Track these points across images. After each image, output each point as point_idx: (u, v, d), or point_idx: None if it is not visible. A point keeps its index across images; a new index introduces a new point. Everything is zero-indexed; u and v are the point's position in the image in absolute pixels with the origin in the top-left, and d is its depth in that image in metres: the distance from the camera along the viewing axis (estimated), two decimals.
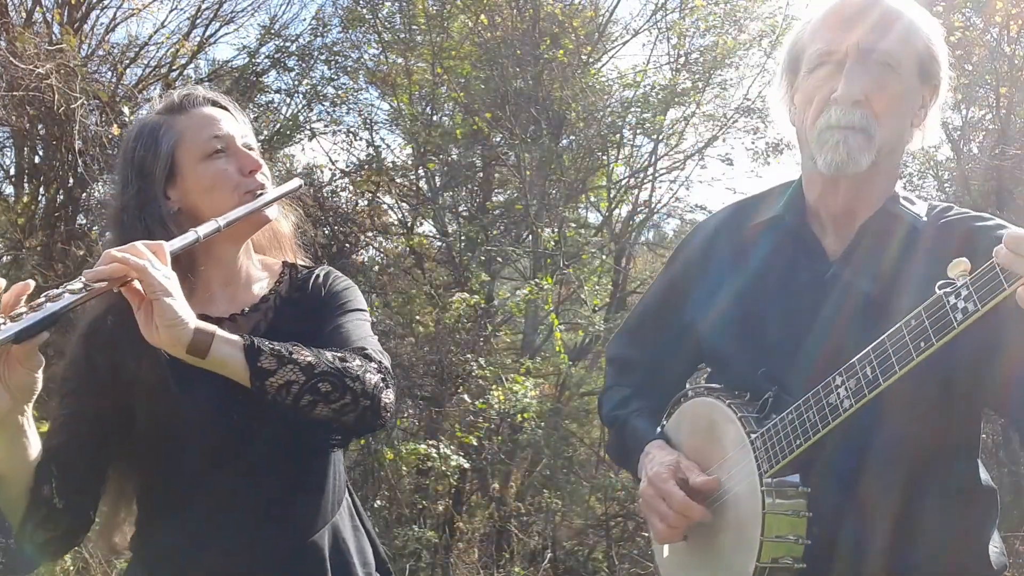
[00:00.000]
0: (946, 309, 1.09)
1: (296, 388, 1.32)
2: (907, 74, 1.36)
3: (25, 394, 1.30)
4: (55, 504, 1.38)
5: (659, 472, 1.44)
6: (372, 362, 1.42)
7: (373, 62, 9.34)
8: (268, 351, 1.33)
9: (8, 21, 6.41)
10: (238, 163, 1.53)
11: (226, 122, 1.56)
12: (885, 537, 1.29)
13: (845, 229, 1.41)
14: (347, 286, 1.63)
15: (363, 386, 1.37)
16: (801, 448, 1.27)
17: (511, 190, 9.74)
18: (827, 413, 1.24)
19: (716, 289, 1.52)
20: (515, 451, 7.58)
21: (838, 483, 1.31)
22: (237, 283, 1.59)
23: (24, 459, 1.36)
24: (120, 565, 4.95)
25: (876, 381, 1.18)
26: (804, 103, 1.41)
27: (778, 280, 1.44)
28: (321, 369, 1.34)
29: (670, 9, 9.01)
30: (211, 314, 1.50)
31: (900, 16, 1.36)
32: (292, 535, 1.51)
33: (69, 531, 1.45)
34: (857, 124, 1.32)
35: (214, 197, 1.50)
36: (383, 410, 1.40)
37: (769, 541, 1.28)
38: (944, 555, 1.31)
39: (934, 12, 7.02)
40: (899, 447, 1.30)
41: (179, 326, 1.27)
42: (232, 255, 1.58)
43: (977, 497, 1.36)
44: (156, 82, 8.44)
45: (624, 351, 1.74)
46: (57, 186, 7.49)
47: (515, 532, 7.18)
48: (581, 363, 8.92)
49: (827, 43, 1.36)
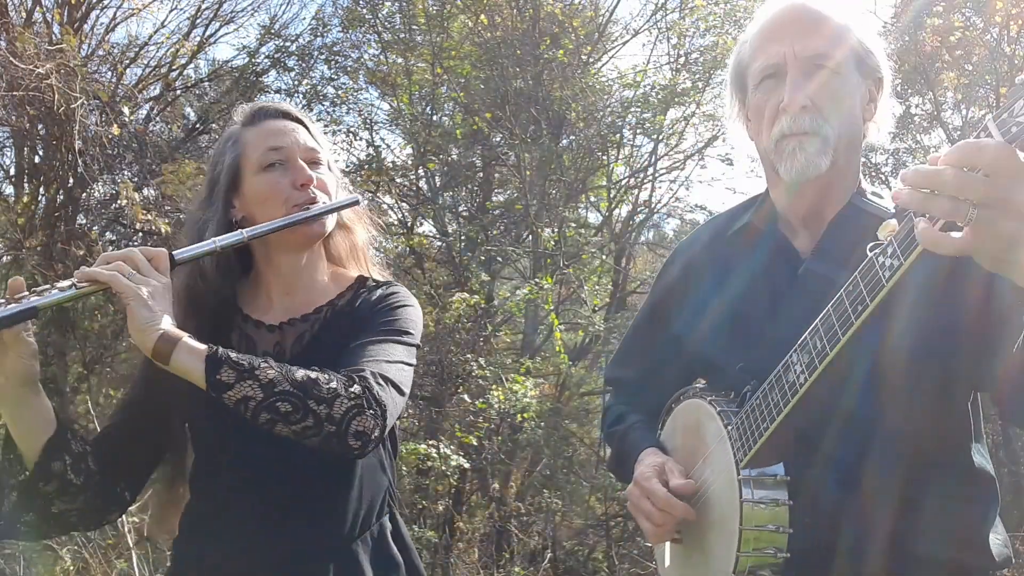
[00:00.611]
0: (876, 268, 1.11)
1: (253, 404, 1.32)
2: (847, 72, 1.40)
3: (20, 377, 1.40)
4: (69, 479, 1.45)
5: (644, 472, 1.48)
6: (356, 386, 1.36)
7: (373, 62, 9.36)
8: (229, 364, 1.32)
9: (8, 21, 6.41)
10: (292, 176, 1.56)
11: (290, 135, 1.59)
12: (886, 532, 1.29)
13: (814, 228, 1.45)
14: (398, 306, 1.57)
15: (329, 411, 1.33)
16: (769, 430, 1.29)
17: (511, 190, 9.75)
18: (787, 391, 1.26)
19: (699, 301, 1.56)
20: (515, 451, 7.59)
21: (838, 478, 1.32)
22: (296, 292, 1.60)
23: (27, 435, 1.44)
24: (120, 565, 4.95)
25: (824, 351, 1.19)
26: (756, 117, 1.46)
27: (756, 283, 1.48)
28: (281, 388, 1.32)
29: (670, 9, 9.03)
30: (265, 321, 1.58)
31: (829, 19, 1.41)
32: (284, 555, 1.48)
33: (92, 507, 1.51)
34: (808, 128, 1.36)
35: (266, 208, 1.55)
36: (352, 437, 1.34)
37: (748, 531, 1.28)
38: (943, 547, 1.31)
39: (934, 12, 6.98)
40: (900, 441, 1.30)
41: (144, 331, 1.32)
42: (291, 265, 1.60)
43: (975, 488, 1.36)
44: (156, 82, 8.45)
45: (618, 372, 1.80)
46: (57, 186, 7.49)
47: (515, 532, 7.18)
48: (581, 363, 8.93)
49: (768, 57, 1.42)
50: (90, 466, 1.49)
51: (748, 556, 1.29)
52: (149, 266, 1.38)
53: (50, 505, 1.46)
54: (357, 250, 1.69)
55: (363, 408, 1.35)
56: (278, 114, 1.64)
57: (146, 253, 1.39)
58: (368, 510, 1.54)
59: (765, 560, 1.29)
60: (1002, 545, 1.36)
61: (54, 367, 7.19)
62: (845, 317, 1.16)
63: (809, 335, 1.23)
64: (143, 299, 1.33)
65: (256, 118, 1.63)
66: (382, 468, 1.58)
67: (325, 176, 1.60)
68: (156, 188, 7.18)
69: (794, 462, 1.33)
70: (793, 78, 1.38)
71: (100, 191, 7.67)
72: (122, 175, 7.30)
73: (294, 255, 1.59)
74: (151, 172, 7.25)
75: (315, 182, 1.57)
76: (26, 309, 1.32)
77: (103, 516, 1.58)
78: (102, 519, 1.59)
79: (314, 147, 1.61)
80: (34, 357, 1.41)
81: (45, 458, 1.44)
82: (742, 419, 1.35)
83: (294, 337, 1.57)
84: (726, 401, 1.41)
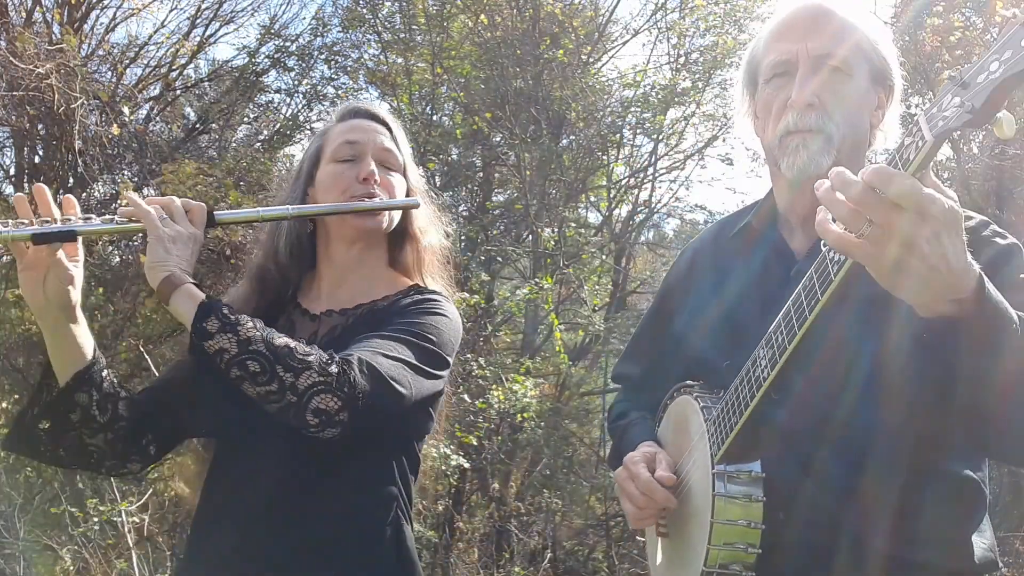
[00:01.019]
0: (826, 263, 1.13)
1: (227, 357, 1.34)
2: (858, 77, 1.41)
3: (57, 301, 1.46)
4: (93, 413, 1.52)
5: (633, 456, 1.49)
6: (333, 366, 1.35)
7: (373, 62, 9.36)
8: (217, 315, 1.36)
9: (8, 21, 6.42)
10: (358, 170, 1.61)
11: (369, 134, 1.65)
12: (884, 539, 1.29)
13: (811, 229, 1.44)
14: (426, 312, 1.55)
15: (294, 380, 1.33)
16: (738, 425, 1.29)
17: (511, 190, 9.75)
18: (754, 386, 1.27)
19: (698, 300, 1.57)
20: (515, 451, 7.59)
21: (835, 488, 1.32)
22: (344, 286, 1.63)
23: (60, 361, 1.51)
24: (120, 565, 4.95)
25: (784, 345, 1.20)
26: (764, 113, 1.46)
27: (753, 284, 1.49)
28: (255, 348, 1.34)
29: (670, 9, 9.02)
30: (310, 310, 1.63)
31: (844, 21, 1.42)
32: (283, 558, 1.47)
33: (113, 450, 1.56)
34: (813, 126, 1.37)
35: (328, 196, 1.61)
36: (311, 413, 1.33)
37: (719, 524, 1.29)
38: (940, 553, 1.31)
39: (934, 12, 7.00)
40: (899, 446, 1.30)
41: (155, 268, 1.40)
42: (344, 257, 1.64)
43: (959, 491, 1.35)
44: (156, 82, 8.45)
45: (625, 369, 1.82)
46: (57, 186, 7.48)
47: (515, 532, 7.18)
48: (581, 363, 8.93)
49: (780, 53, 1.42)
50: (118, 409, 1.55)
51: (719, 550, 1.30)
52: (184, 215, 1.47)
53: (68, 432, 1.51)
54: (422, 262, 1.70)
55: (331, 387, 1.33)
56: (367, 114, 1.70)
57: (185, 204, 1.48)
58: (372, 518, 1.52)
59: (736, 555, 1.29)
60: (986, 549, 1.35)
61: None
62: (801, 312, 1.17)
63: (772, 330, 1.24)
64: (163, 240, 1.41)
65: (346, 115, 1.70)
66: (392, 479, 1.55)
67: (395, 179, 1.64)
68: (156, 188, 7.17)
69: (789, 473, 1.33)
70: (803, 75, 1.38)
71: (100, 191, 7.68)
72: (122, 175, 7.30)
73: (347, 247, 1.63)
74: (151, 172, 7.25)
75: (378, 179, 1.60)
76: (65, 231, 1.40)
77: (123, 462, 1.61)
78: (121, 465, 1.62)
79: (390, 149, 1.66)
80: (72, 284, 1.46)
81: (72, 386, 1.50)
82: (718, 414, 1.37)
83: (328, 328, 1.59)
84: (710, 398, 1.43)
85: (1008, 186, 7.19)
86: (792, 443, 1.34)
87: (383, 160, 1.64)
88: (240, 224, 1.59)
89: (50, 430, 1.51)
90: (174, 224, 1.44)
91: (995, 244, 1.34)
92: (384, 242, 1.68)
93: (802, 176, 1.38)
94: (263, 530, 1.49)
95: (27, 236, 1.39)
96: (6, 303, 6.88)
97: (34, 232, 1.40)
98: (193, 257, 1.45)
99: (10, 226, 1.41)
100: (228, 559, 1.50)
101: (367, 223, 1.59)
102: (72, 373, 1.51)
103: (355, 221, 1.59)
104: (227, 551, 1.50)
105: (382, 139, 1.66)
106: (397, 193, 1.63)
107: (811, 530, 1.31)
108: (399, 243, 1.69)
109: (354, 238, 1.62)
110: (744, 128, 1.56)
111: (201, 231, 1.48)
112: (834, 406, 1.31)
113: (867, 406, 1.30)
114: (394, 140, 1.68)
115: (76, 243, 1.47)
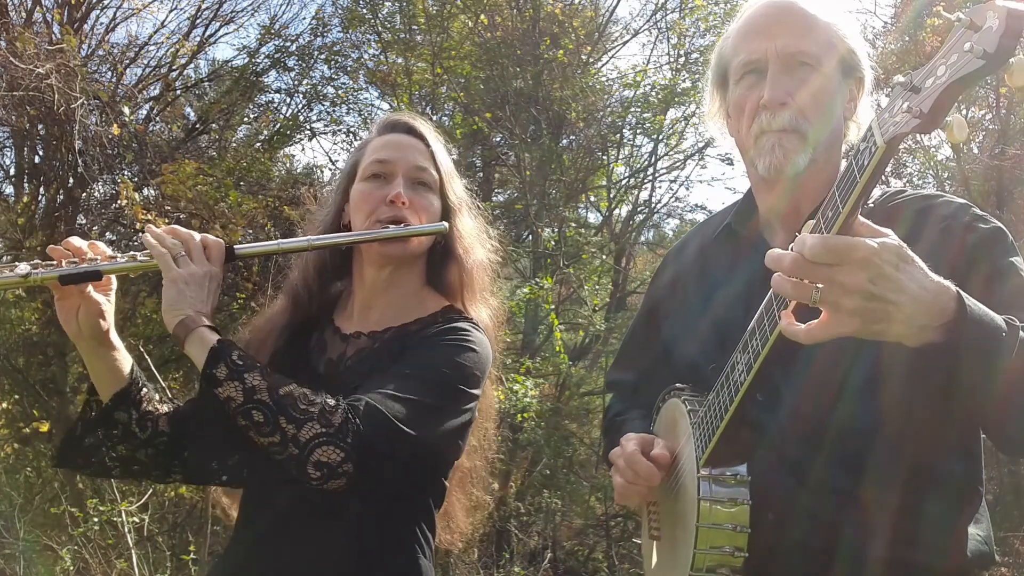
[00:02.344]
0: None
1: (234, 406, 1.34)
2: (829, 71, 1.39)
3: (89, 330, 1.53)
4: (133, 431, 1.57)
5: (629, 435, 1.49)
6: (337, 416, 1.33)
7: (373, 62, 9.36)
8: (227, 362, 1.35)
9: (8, 21, 6.42)
10: (387, 192, 1.57)
11: (404, 151, 1.61)
12: (884, 542, 1.28)
13: (793, 227, 1.43)
14: (450, 344, 1.50)
15: (296, 432, 1.32)
16: (720, 429, 1.29)
17: (511, 190, 9.76)
18: (732, 390, 1.26)
19: (684, 304, 1.57)
20: (515, 451, 7.59)
21: (832, 488, 1.31)
22: (375, 308, 1.61)
23: (100, 383, 1.58)
24: (120, 565, 4.95)
25: (758, 350, 1.20)
26: (737, 113, 1.44)
27: (735, 285, 1.48)
28: (259, 398, 1.33)
29: (670, 9, 9.03)
30: (343, 329, 1.63)
31: (812, 17, 1.40)
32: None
33: (155, 463, 1.61)
34: (788, 126, 1.36)
35: (357, 215, 1.60)
36: (312, 466, 1.31)
37: (705, 528, 1.28)
38: (940, 553, 1.30)
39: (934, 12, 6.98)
40: (899, 450, 1.29)
41: (170, 312, 1.43)
42: (374, 280, 1.60)
43: (955, 492, 1.35)
44: (156, 82, 8.46)
45: (618, 376, 1.82)
46: (57, 186, 7.50)
47: (515, 532, 7.18)
48: (581, 363, 8.93)
49: (749, 52, 1.41)
50: (158, 426, 1.60)
51: (705, 554, 1.29)
52: (202, 254, 1.48)
53: (114, 446, 1.57)
54: (464, 284, 1.64)
55: (332, 438, 1.32)
56: (404, 128, 1.66)
57: (204, 241, 1.50)
58: (381, 554, 1.50)
59: (723, 559, 1.29)
60: (980, 543, 1.34)
61: (54, 367, 7.20)
62: (772, 315, 1.16)
63: (748, 335, 1.23)
64: (177, 282, 1.43)
65: (385, 129, 1.67)
66: (412, 515, 1.54)
67: (426, 199, 1.59)
68: (156, 188, 7.18)
69: (782, 478, 1.32)
70: (773, 73, 1.37)
71: (100, 191, 7.69)
72: (122, 175, 7.30)
73: (377, 270, 1.59)
74: (151, 172, 7.25)
75: (405, 201, 1.55)
76: (91, 271, 1.50)
77: (167, 473, 1.65)
78: (166, 475, 1.67)
79: (424, 167, 1.60)
80: (101, 316, 1.54)
81: (111, 406, 1.57)
82: (701, 418, 1.36)
83: (355, 350, 1.58)
84: (697, 400, 1.42)
85: (1008, 186, 7.19)
86: (784, 448, 1.34)
87: (416, 179, 1.59)
88: (260, 256, 1.59)
89: (95, 446, 1.57)
90: (190, 264, 1.45)
91: (977, 229, 1.32)
92: (421, 261, 1.63)
93: (779, 175, 1.38)
94: (280, 554, 1.48)
95: (55, 277, 1.49)
96: (6, 303, 6.88)
97: (61, 274, 1.49)
98: (211, 296, 1.46)
99: (40, 268, 1.50)
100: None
101: (393, 249, 1.55)
102: (111, 393, 1.57)
103: (380, 248, 1.55)
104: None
105: (416, 156, 1.60)
106: (429, 214, 1.58)
107: (809, 534, 1.31)
108: (442, 262, 1.64)
109: (383, 263, 1.58)
110: (717, 129, 1.55)
111: (219, 267, 1.49)
112: (830, 409, 1.30)
113: (866, 407, 1.29)
114: (431, 155, 1.62)
115: (104, 280, 1.54)
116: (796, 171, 1.36)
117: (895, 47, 7.26)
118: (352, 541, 1.47)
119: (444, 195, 1.62)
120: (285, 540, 1.48)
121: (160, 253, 1.46)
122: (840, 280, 0.99)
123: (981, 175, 7.24)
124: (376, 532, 1.49)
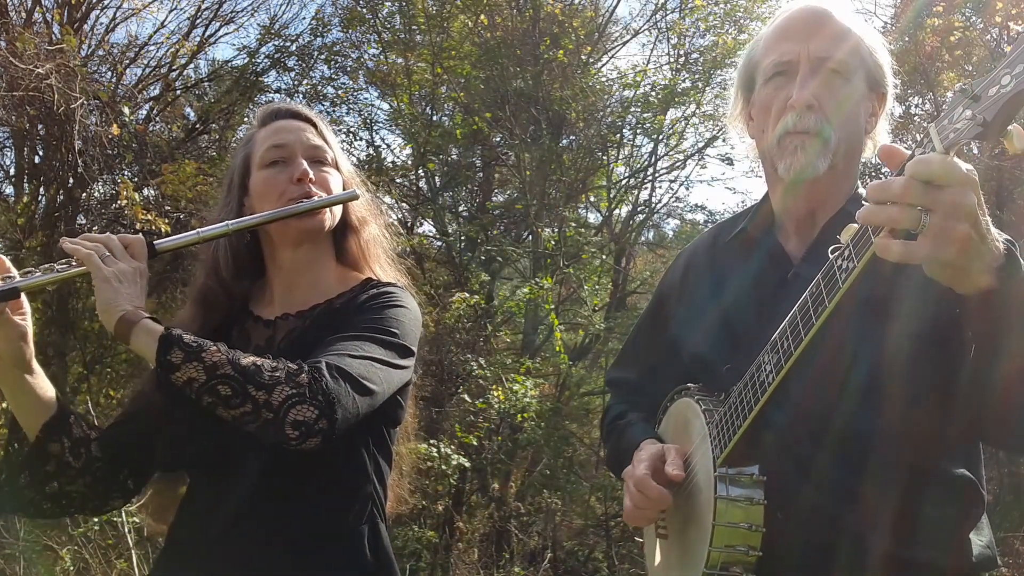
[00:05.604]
0: (834, 270, 1.13)
1: (197, 386, 1.33)
2: (857, 82, 1.42)
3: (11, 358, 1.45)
4: (67, 461, 1.52)
5: (640, 454, 1.49)
6: (303, 376, 1.34)
7: (373, 62, 9.36)
8: (179, 345, 1.34)
9: (8, 21, 6.42)
10: (290, 172, 1.59)
11: (295, 133, 1.63)
12: (884, 542, 1.29)
13: (807, 232, 1.46)
14: (386, 306, 1.54)
15: (267, 397, 1.32)
16: (742, 428, 1.30)
17: (511, 190, 9.76)
18: (758, 390, 1.28)
19: (694, 304, 1.58)
20: (515, 451, 7.59)
21: (835, 486, 1.32)
22: (296, 289, 1.62)
23: (25, 415, 1.51)
24: (120, 565, 4.96)
25: (789, 350, 1.21)
26: (762, 113, 1.46)
27: (747, 287, 1.49)
28: (223, 372, 1.33)
29: (670, 9, 9.04)
30: (264, 316, 1.62)
31: (849, 28, 1.42)
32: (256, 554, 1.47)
33: (93, 492, 1.57)
34: (812, 128, 1.37)
35: (264, 203, 1.58)
36: (289, 427, 1.32)
37: (721, 527, 1.29)
38: (940, 553, 1.31)
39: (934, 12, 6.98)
40: (898, 450, 1.30)
41: (106, 311, 1.39)
42: (292, 260, 1.61)
43: (957, 491, 1.35)
44: (156, 82, 8.46)
45: (620, 374, 1.83)
46: (57, 186, 7.50)
47: (515, 532, 7.19)
48: (581, 363, 8.93)
49: (781, 54, 1.43)
50: (92, 452, 1.54)
51: (720, 552, 1.30)
52: (124, 251, 1.44)
53: (47, 483, 1.51)
54: (369, 252, 1.68)
55: (304, 398, 1.33)
56: (288, 114, 1.67)
57: (123, 240, 1.46)
58: (344, 516, 1.52)
59: (737, 557, 1.30)
60: (984, 547, 1.35)
61: (54, 367, 7.20)
62: (808, 318, 1.18)
63: (778, 335, 1.24)
64: (109, 280, 1.39)
65: (268, 119, 1.67)
66: (367, 476, 1.55)
67: (329, 174, 1.62)
68: (156, 188, 7.18)
69: (788, 475, 1.33)
70: (803, 76, 1.39)
71: (100, 191, 7.68)
72: (122, 175, 7.30)
73: (293, 250, 1.61)
74: (151, 172, 7.25)
75: (312, 178, 1.58)
76: (8, 289, 1.38)
77: (105, 502, 1.62)
78: (103, 505, 1.63)
79: (319, 145, 1.63)
80: (23, 340, 1.45)
81: (42, 439, 1.50)
82: (721, 417, 1.37)
83: (285, 332, 1.58)
84: (712, 401, 1.43)
85: (1008, 186, 7.20)
86: (790, 445, 1.34)
87: (314, 157, 1.62)
88: (182, 248, 1.56)
89: (29, 485, 1.51)
90: (116, 262, 1.42)
91: None
92: (329, 239, 1.65)
93: (798, 177, 1.39)
94: (238, 537, 1.48)
95: None
96: None
97: None
98: (143, 291, 1.43)
99: None
100: (202, 566, 1.50)
101: (309, 224, 1.57)
102: (40, 425, 1.51)
103: (297, 224, 1.56)
104: (200, 560, 1.51)
105: (309, 136, 1.63)
106: (334, 188, 1.61)
107: (811, 531, 1.31)
108: (342, 237, 1.67)
109: (299, 240, 1.59)
110: (738, 131, 1.57)
111: (144, 264, 1.46)
112: (833, 408, 1.31)
113: (867, 408, 1.30)
114: (321, 135, 1.66)
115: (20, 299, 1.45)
116: (815, 174, 1.38)
117: (895, 47, 7.26)
118: (316, 515, 1.49)
119: (340, 171, 1.66)
120: (250, 521, 1.48)
121: (86, 254, 1.41)
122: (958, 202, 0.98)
123: (981, 175, 7.22)
124: (339, 503, 1.52)
